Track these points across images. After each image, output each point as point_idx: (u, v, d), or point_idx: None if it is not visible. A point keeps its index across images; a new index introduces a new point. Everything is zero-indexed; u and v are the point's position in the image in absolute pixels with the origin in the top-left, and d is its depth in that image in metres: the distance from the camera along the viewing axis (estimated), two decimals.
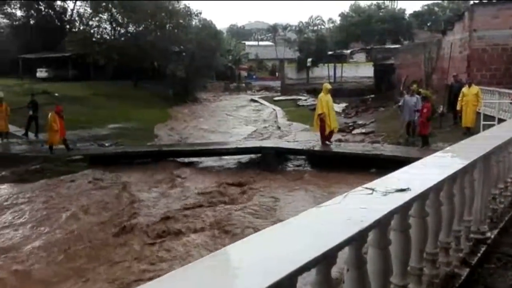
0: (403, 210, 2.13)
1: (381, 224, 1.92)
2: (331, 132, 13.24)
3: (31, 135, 16.64)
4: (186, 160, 13.69)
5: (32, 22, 38.12)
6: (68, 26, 38.96)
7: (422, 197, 2.34)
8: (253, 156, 13.64)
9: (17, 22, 38.53)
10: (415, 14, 49.19)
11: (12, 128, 16.42)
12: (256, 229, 6.50)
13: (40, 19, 37.88)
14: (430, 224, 2.55)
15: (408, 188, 2.19)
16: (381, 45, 36.64)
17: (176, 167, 12.85)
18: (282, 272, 1.36)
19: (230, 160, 13.72)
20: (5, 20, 39.09)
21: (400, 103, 14.42)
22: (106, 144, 15.93)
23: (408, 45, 31.56)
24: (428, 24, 48.76)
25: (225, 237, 7.33)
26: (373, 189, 2.16)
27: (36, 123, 16.71)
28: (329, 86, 13.65)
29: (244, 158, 13.76)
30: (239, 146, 14.36)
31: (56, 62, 34.27)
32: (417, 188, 2.26)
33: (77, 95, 25.17)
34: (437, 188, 2.56)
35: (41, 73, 33.84)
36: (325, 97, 12.97)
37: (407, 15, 46.42)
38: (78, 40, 33.16)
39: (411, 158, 8.68)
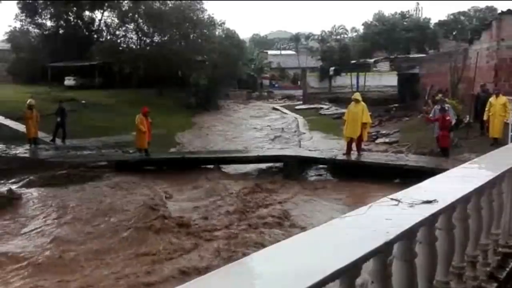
0: (429, 222, 2.09)
1: (407, 236, 1.89)
2: (351, 142, 13.06)
3: (59, 141, 17.07)
4: (208, 167, 13.77)
5: (61, 31, 39.29)
6: (95, 36, 40.04)
7: (449, 209, 2.29)
8: (274, 164, 13.63)
9: (47, 32, 39.77)
10: (441, 23, 48.46)
11: (40, 134, 16.89)
12: (277, 240, 6.48)
13: (69, 29, 39.04)
14: (457, 237, 2.50)
15: (435, 200, 2.15)
16: (405, 54, 36.20)
17: (199, 174, 12.94)
18: (305, 282, 1.36)
19: (251, 168, 13.74)
20: (36, 30, 40.40)
21: (430, 115, 14.00)
22: (130, 151, 16.18)
23: (433, 54, 31.07)
24: (454, 33, 47.94)
25: (242, 247, 7.29)
26: (398, 200, 2.13)
27: (63, 130, 17.15)
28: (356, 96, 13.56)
29: (265, 166, 13.75)
30: (260, 154, 14.37)
31: (83, 71, 35.20)
32: (444, 200, 2.22)
33: (103, 103, 25.78)
34: (464, 200, 2.50)
35: (69, 81, 34.79)
36: (351, 107, 12.95)
37: (432, 24, 45.81)
38: (105, 49, 34.03)
39: (436, 169, 8.53)
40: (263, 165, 13.81)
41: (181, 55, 32.61)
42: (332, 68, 41.83)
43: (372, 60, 37.49)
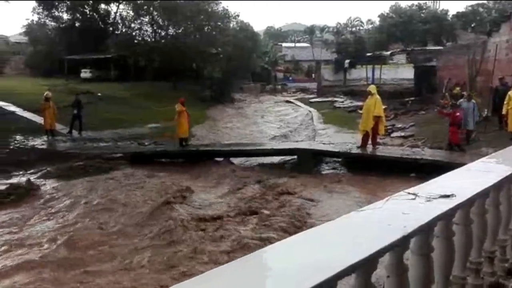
0: (447, 216, 2.07)
1: (424, 231, 1.87)
2: (366, 135, 12.94)
3: (75, 133, 17.32)
4: (222, 159, 13.81)
5: (77, 24, 39.67)
6: (111, 29, 40.32)
7: (467, 204, 2.26)
8: (288, 157, 13.61)
9: (63, 25, 40.19)
10: (459, 15, 47.49)
11: (57, 126, 17.15)
12: (291, 233, 6.48)
13: (85, 22, 39.39)
14: (474, 232, 2.46)
15: (453, 194, 2.12)
16: (422, 47, 35.63)
17: (213, 166, 13.00)
18: (321, 276, 1.35)
19: (265, 162, 13.74)
20: (52, 23, 40.85)
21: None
22: (146, 143, 16.35)
23: (451, 46, 30.51)
24: (472, 25, 46.93)
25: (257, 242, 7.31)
26: (415, 194, 2.11)
27: (80, 122, 17.40)
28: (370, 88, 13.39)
29: (279, 159, 13.74)
30: (274, 147, 14.36)
31: (99, 63, 35.53)
32: (462, 194, 2.18)
33: (118, 95, 26.03)
34: (482, 195, 2.46)
35: (85, 73, 35.18)
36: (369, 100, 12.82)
37: (450, 15, 44.92)
38: (120, 42, 34.27)
39: (453, 163, 8.41)
40: (277, 158, 13.79)
41: (195, 48, 32.66)
42: (347, 61, 41.43)
43: (388, 53, 37.01)
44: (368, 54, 38.13)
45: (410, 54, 34.78)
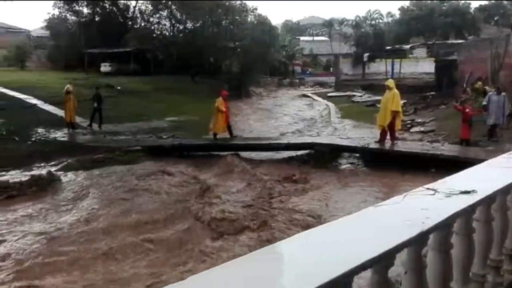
0: (467, 213, 2.04)
1: (444, 227, 1.85)
2: (384, 130, 12.77)
3: (95, 126, 17.59)
4: (240, 153, 13.85)
5: (97, 19, 40.14)
6: (130, 23, 40.67)
7: (488, 200, 2.22)
8: (305, 152, 13.55)
9: (83, 19, 40.71)
10: (481, 8, 46.36)
11: (77, 119, 17.45)
12: (307, 227, 6.47)
13: (104, 16, 39.82)
14: (495, 229, 2.42)
15: (473, 191, 2.09)
16: (443, 40, 34.94)
17: (230, 160, 13.04)
18: (337, 270, 1.35)
19: (282, 155, 13.72)
20: (73, 17, 41.42)
21: (484, 103, 13.39)
22: (164, 136, 16.50)
23: (473, 40, 29.85)
24: (496, 18, 45.77)
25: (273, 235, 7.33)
26: (435, 190, 2.08)
27: (100, 115, 17.66)
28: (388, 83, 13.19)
29: (296, 154, 13.70)
30: (291, 141, 14.33)
31: (118, 57, 35.92)
32: (483, 190, 2.15)
33: (137, 89, 26.31)
34: (504, 191, 2.41)
35: (105, 67, 35.61)
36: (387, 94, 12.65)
37: (473, 8, 43.89)
38: (139, 36, 34.55)
39: (474, 159, 8.26)
40: (294, 153, 13.76)
41: (213, 42, 32.72)
42: (366, 54, 40.93)
43: (408, 46, 36.45)
44: (388, 47, 37.62)
45: (431, 47, 34.17)
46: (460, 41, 30.80)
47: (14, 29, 50.11)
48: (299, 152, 13.71)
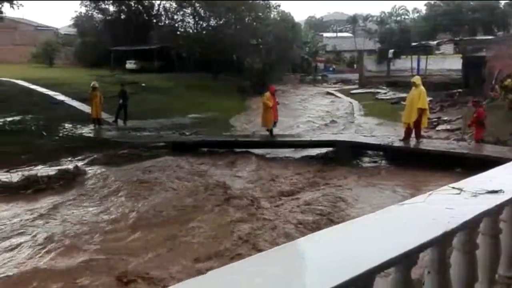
0: (494, 213, 1.99)
1: (469, 227, 1.81)
2: (409, 128, 12.55)
3: (120, 122, 17.92)
4: (261, 151, 13.87)
5: (122, 16, 40.78)
6: (154, 20, 41.17)
7: None
8: (327, 149, 13.46)
9: (109, 17, 41.42)
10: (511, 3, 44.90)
11: (103, 115, 17.80)
12: (328, 225, 6.45)
13: (130, 14, 40.42)
14: None
15: (500, 190, 2.04)
16: (471, 36, 34.01)
17: (251, 157, 13.09)
18: (359, 268, 1.34)
19: (303, 153, 13.66)
20: (99, 15, 42.21)
21: None
22: (187, 133, 16.69)
23: (503, 36, 28.98)
24: None
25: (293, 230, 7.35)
26: (461, 189, 2.04)
27: (125, 111, 17.97)
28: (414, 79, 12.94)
29: (318, 151, 13.61)
30: (313, 139, 14.23)
31: (143, 54, 36.43)
32: (511, 190, 2.09)
33: (161, 86, 26.63)
34: None
35: (130, 64, 36.18)
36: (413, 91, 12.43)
37: (502, 4, 42.56)
38: (164, 33, 34.94)
39: (502, 158, 8.04)
40: (316, 150, 13.67)
41: (236, 39, 32.80)
42: (391, 51, 40.29)
43: (434, 42, 35.65)
44: (414, 44, 36.88)
45: (458, 44, 33.33)
46: (489, 37, 29.93)
47: (42, 27, 51.38)
48: (321, 150, 13.62)
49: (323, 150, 13.55)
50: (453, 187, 2.08)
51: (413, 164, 11.02)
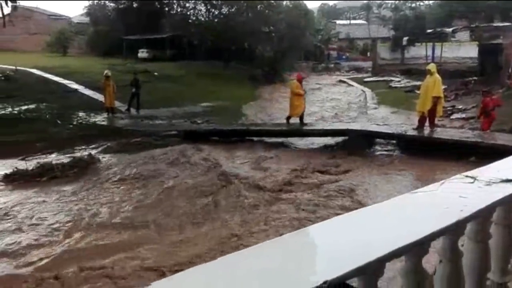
0: (508, 202, 1.95)
1: (482, 216, 1.79)
2: (423, 117, 12.40)
3: (133, 111, 18.05)
4: (272, 139, 13.86)
5: (135, 5, 40.75)
6: (166, 9, 41.06)
7: None
8: (339, 138, 13.39)
9: (122, 6, 41.45)
10: None
11: (116, 104, 17.95)
12: (341, 213, 6.44)
13: (142, 2, 40.38)
14: None
15: None
16: (488, 23, 33.21)
17: (262, 145, 13.10)
18: (369, 256, 1.34)
19: (315, 142, 13.62)
20: (112, 4, 42.27)
21: None
22: (198, 121, 16.75)
23: None
24: None
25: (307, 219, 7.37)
26: (474, 178, 2.01)
27: (138, 100, 18.09)
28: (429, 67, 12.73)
29: (330, 140, 13.55)
30: (325, 127, 14.16)
31: (155, 43, 36.47)
32: None
33: (173, 75, 26.69)
34: None
35: (142, 53, 36.29)
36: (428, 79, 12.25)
37: None
38: (175, 22, 34.86)
39: None
40: (328, 139, 13.61)
41: (248, 27, 32.59)
42: (405, 38, 39.64)
43: (450, 29, 34.96)
44: (429, 31, 36.23)
45: (474, 31, 32.63)
46: (506, 23, 29.21)
47: (56, 16, 51.69)
48: (333, 139, 13.55)
49: (335, 139, 13.48)
50: (467, 176, 2.05)
51: (427, 153, 10.91)
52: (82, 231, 7.03)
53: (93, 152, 12.07)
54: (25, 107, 17.35)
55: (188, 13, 38.06)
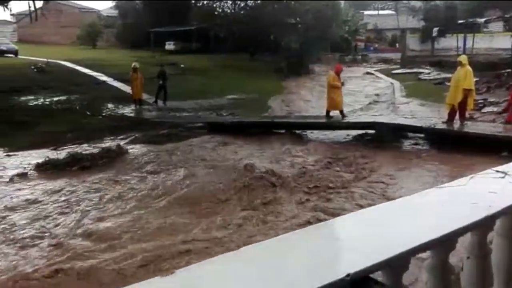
0: None
1: None
2: (453, 110, 12.07)
3: (160, 103, 18.31)
4: (297, 131, 13.80)
5: None
6: (193, 1, 41.27)
7: None
8: (366, 131, 13.21)
9: None
10: None
11: (144, 96, 18.24)
12: (366, 206, 6.39)
13: None
14: None
15: None
16: None
17: (288, 138, 13.06)
18: (395, 250, 1.34)
19: (341, 135, 13.48)
20: None
21: None
22: (224, 114, 16.84)
23: None
24: None
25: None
26: (505, 173, 1.96)
27: (165, 92, 18.33)
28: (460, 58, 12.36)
29: (357, 133, 13.39)
30: (351, 120, 13.98)
31: (182, 35, 36.77)
32: None
33: (199, 67, 26.89)
34: None
35: (169, 45, 36.67)
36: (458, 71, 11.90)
37: None
38: (202, 14, 35.01)
39: None
40: (355, 132, 13.45)
41: (273, 19, 32.39)
42: (435, 29, 38.57)
43: (482, 20, 33.84)
44: (460, 21, 35.15)
45: (508, 21, 31.42)
46: None
47: (86, 9, 52.79)
48: (360, 132, 13.38)
49: (363, 132, 13.30)
50: (497, 171, 2.00)
51: (456, 147, 10.64)
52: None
53: (121, 143, 12.33)
54: (56, 98, 17.88)
55: (215, 5, 38.16)
